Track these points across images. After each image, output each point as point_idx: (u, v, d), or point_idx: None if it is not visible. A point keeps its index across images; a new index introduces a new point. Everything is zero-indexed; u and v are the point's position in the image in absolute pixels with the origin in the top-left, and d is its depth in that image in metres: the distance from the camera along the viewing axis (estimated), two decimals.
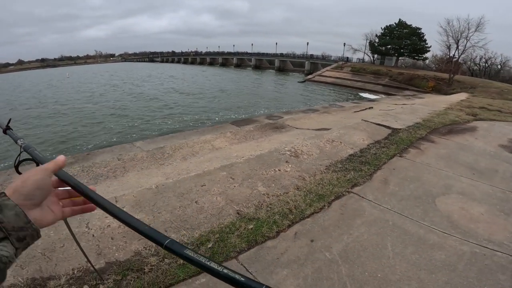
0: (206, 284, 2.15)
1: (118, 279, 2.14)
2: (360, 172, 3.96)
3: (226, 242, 2.55)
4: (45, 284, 2.08)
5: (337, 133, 5.73)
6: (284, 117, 8.82)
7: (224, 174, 3.73)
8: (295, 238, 2.66)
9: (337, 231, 2.76)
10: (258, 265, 2.34)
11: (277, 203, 3.12)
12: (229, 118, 12.30)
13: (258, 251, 2.49)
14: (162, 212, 3.01)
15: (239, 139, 5.90)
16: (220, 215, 2.97)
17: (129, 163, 5.13)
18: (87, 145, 10.89)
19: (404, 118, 7.82)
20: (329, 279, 2.20)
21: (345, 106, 12.90)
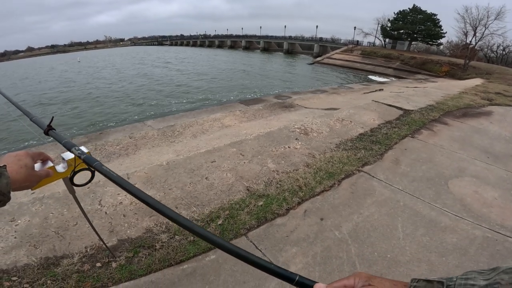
0: (215, 260, 2.09)
1: (130, 256, 2.10)
2: (371, 151, 3.77)
3: (236, 219, 2.46)
4: (58, 263, 2.05)
5: (347, 113, 5.49)
6: (293, 97, 8.56)
7: (234, 150, 3.59)
8: (305, 216, 2.55)
9: (347, 210, 2.63)
10: (268, 243, 2.25)
11: (286, 180, 2.99)
12: (237, 98, 12.03)
13: (268, 229, 2.40)
14: (173, 188, 2.93)
15: (248, 118, 5.72)
16: (230, 191, 2.86)
17: (141, 141, 5.06)
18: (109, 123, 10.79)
19: (416, 100, 7.44)
20: (338, 258, 2.11)
21: (354, 87, 12.45)
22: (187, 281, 1.91)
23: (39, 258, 2.10)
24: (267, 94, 12.72)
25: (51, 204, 2.75)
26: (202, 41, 78.58)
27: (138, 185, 3.00)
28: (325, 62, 34.96)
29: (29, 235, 2.36)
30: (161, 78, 20.79)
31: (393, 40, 41.35)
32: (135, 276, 1.95)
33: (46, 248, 2.21)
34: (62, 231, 2.39)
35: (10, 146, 9.53)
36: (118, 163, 4.35)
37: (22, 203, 2.81)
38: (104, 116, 11.50)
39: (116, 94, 15.68)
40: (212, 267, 2.04)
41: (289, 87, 15.68)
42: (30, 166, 0.69)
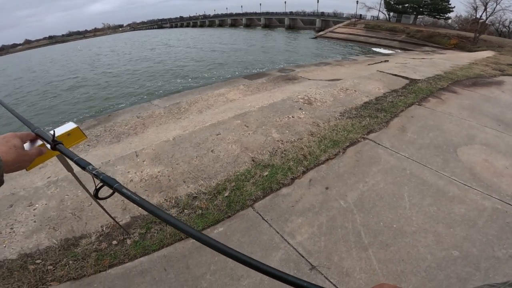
0: (224, 232, 2.07)
1: (143, 232, 2.10)
2: (376, 118, 3.61)
3: (242, 190, 2.40)
4: (77, 243, 2.06)
5: (351, 82, 5.25)
6: (296, 70, 8.23)
7: (238, 122, 3.48)
8: (310, 185, 2.47)
9: (352, 179, 2.53)
10: (273, 213, 2.20)
11: (291, 149, 2.89)
12: (241, 74, 11.68)
13: (273, 199, 2.34)
14: (180, 163, 2.87)
15: (252, 91, 5.54)
16: (236, 163, 2.79)
17: (148, 119, 4.99)
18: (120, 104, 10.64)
19: (423, 70, 7.05)
20: (344, 228, 2.04)
21: (358, 59, 11.93)
22: (197, 254, 1.91)
23: (59, 240, 2.12)
24: (270, 69, 12.31)
25: (66, 186, 2.74)
26: (202, 22, 75.43)
27: (146, 162, 2.96)
28: (328, 36, 33.46)
29: (47, 218, 2.37)
30: (165, 59, 20.28)
31: (398, 14, 38.81)
32: (149, 251, 1.96)
33: (65, 230, 2.22)
34: (78, 212, 2.39)
35: None
36: (127, 142, 4.31)
37: (37, 187, 2.81)
38: (113, 100, 11.39)
39: (123, 77, 15.45)
40: (220, 239, 2.00)
41: (292, 61, 15.09)
42: (19, 146, 0.65)
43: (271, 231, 2.04)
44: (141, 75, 15.07)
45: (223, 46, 24.91)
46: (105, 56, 29.10)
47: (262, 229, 2.06)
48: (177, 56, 20.54)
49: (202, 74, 13.34)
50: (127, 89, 12.54)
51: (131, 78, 14.62)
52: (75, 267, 1.88)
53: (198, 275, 1.78)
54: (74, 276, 1.83)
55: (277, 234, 2.02)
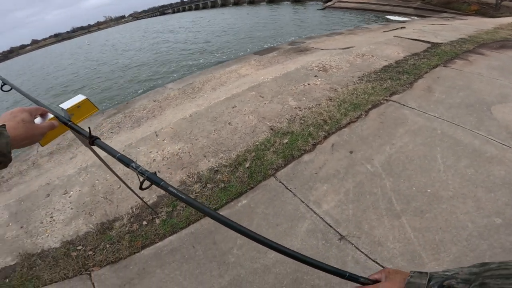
0: (247, 205, 1.99)
1: (169, 210, 2.09)
2: (398, 81, 3.33)
3: (262, 160, 2.29)
4: (112, 227, 2.08)
5: (367, 48, 4.88)
6: (307, 41, 7.78)
7: (253, 93, 3.33)
8: (333, 150, 2.32)
9: (378, 141, 2.35)
10: (297, 182, 2.08)
11: (310, 115, 2.73)
12: (251, 50, 11.25)
13: (296, 167, 2.21)
14: (199, 138, 2.80)
15: (264, 65, 5.30)
16: (254, 133, 2.67)
17: (164, 102, 4.94)
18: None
19: (445, 34, 6.42)
20: (373, 194, 1.89)
21: (372, 27, 11.12)
22: (223, 229, 1.82)
23: (95, 225, 2.15)
24: (280, 43, 11.79)
25: (95, 172, 2.77)
26: (204, 3, 72.28)
27: (166, 140, 2.91)
28: (336, 6, 31.44)
29: (82, 204, 2.42)
30: (173, 45, 19.92)
31: None
32: (177, 229, 1.95)
33: (99, 214, 2.26)
34: (109, 195, 2.43)
35: None
36: (147, 125, 4.30)
37: (70, 175, 2.86)
38: (130, 88, 11.42)
39: (135, 66, 15.42)
40: (244, 212, 1.94)
41: (302, 34, 14.31)
42: (28, 120, 0.61)
43: (296, 200, 1.95)
44: (152, 62, 14.99)
45: (229, 25, 24.00)
46: (115, 46, 29.10)
47: (286, 199, 1.97)
48: (186, 41, 20.12)
49: (212, 54, 13.00)
50: (141, 76, 12.55)
51: (140, 67, 14.59)
52: (112, 250, 1.91)
53: (225, 250, 1.74)
54: (112, 260, 1.86)
55: (302, 203, 1.91)
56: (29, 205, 2.68)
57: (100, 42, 47.48)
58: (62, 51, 50.03)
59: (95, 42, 50.23)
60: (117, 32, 66.82)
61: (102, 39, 54.13)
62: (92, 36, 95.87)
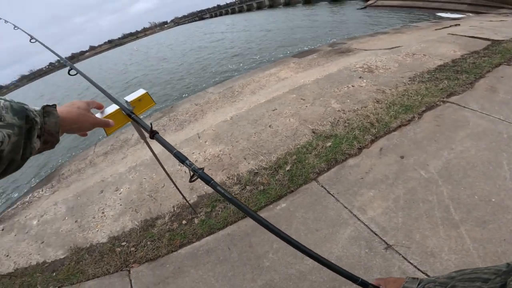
0: (287, 208, 1.97)
1: (208, 211, 2.15)
2: (457, 80, 3.03)
3: (304, 163, 2.25)
4: (154, 224, 2.21)
5: (418, 47, 4.55)
6: (349, 42, 7.51)
7: (294, 96, 3.31)
8: (381, 154, 2.19)
9: (434, 146, 2.16)
10: (340, 186, 2.00)
11: (355, 118, 2.62)
12: (289, 53, 11.18)
13: (339, 171, 2.13)
14: (239, 140, 2.86)
15: (303, 67, 5.24)
16: (295, 136, 2.64)
17: (205, 106, 5.15)
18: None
19: (505, 31, 5.71)
20: (427, 201, 1.74)
21: (422, 25, 10.32)
22: (260, 232, 1.85)
23: (140, 222, 2.30)
24: (319, 45, 11.55)
25: (143, 171, 2.99)
26: (240, 7, 73.78)
27: (208, 142, 3.02)
28: (379, 5, 29.80)
29: (130, 201, 2.62)
30: (213, 49, 20.68)
31: None
32: (214, 230, 1.99)
33: (144, 211, 2.41)
34: (154, 193, 2.59)
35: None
36: (190, 128, 4.54)
37: (121, 173, 3.13)
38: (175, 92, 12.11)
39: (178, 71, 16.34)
40: (283, 215, 1.92)
41: (342, 34, 13.81)
42: (83, 108, 0.66)
43: (338, 205, 1.87)
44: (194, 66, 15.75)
45: (266, 28, 24.16)
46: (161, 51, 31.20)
47: (328, 204, 1.91)
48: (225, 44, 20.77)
49: (251, 57, 13.20)
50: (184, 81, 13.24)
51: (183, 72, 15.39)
52: (152, 247, 2.02)
53: (260, 253, 1.73)
54: (151, 257, 1.96)
55: (345, 209, 1.84)
56: (84, 200, 2.97)
57: (146, 48, 51.35)
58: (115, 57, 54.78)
59: (142, 48, 54.35)
60: (161, 38, 71.64)
61: (148, 45, 58.50)
62: (140, 42, 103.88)
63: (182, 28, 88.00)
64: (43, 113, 0.54)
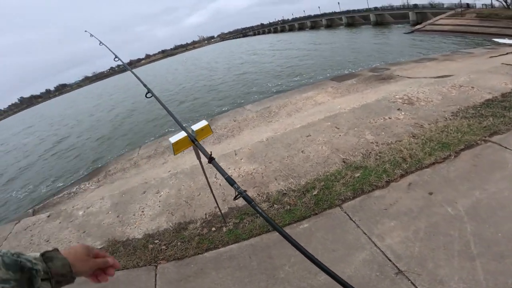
0: (308, 228, 2.10)
1: (237, 222, 2.36)
2: (503, 118, 2.92)
3: (331, 189, 2.37)
4: (186, 227, 2.48)
5: (466, 78, 4.40)
6: (392, 68, 7.41)
7: (329, 124, 3.44)
8: (409, 189, 2.22)
9: (466, 185, 2.14)
10: (363, 214, 2.09)
11: (387, 152, 2.67)
12: (328, 76, 11.25)
13: (364, 200, 2.22)
14: (272, 161, 3.07)
15: (341, 93, 5.35)
16: (326, 163, 2.77)
17: (243, 123, 5.50)
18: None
19: None
20: (447, 235, 1.77)
21: (475, 52, 9.81)
22: (280, 246, 2.00)
23: (174, 224, 2.58)
24: (360, 69, 11.46)
25: (182, 178, 3.33)
26: (282, 27, 75.92)
27: (243, 160, 3.27)
28: (427, 30, 28.49)
29: (168, 204, 2.94)
30: (254, 66, 21.51)
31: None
32: (239, 239, 2.19)
33: (179, 215, 2.70)
34: (190, 200, 2.88)
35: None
36: (226, 143, 4.88)
37: (163, 178, 3.51)
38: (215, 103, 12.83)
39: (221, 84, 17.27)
40: (304, 234, 2.06)
41: (385, 59, 13.52)
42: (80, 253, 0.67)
43: (358, 231, 1.96)
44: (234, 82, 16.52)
45: (307, 48, 24.53)
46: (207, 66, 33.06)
47: (348, 229, 2.00)
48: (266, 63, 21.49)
49: (290, 77, 13.55)
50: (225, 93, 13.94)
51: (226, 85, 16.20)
52: (181, 248, 2.26)
53: (277, 265, 1.87)
54: (179, 256, 2.20)
55: (364, 235, 1.92)
56: (128, 198, 3.34)
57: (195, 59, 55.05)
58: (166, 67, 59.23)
59: (190, 60, 58.38)
60: (207, 51, 76.54)
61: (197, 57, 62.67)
62: (189, 54, 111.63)
63: (227, 44, 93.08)
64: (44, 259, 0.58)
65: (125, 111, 18.90)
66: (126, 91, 33.20)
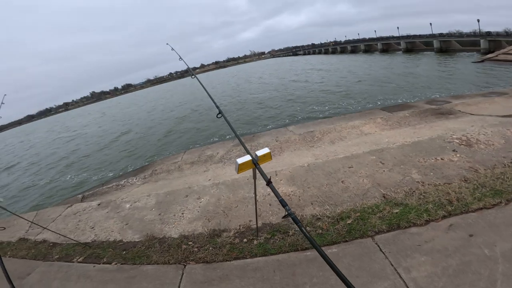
0: (336, 253, 2.19)
1: (268, 237, 2.54)
2: None
3: (365, 221, 2.43)
4: (220, 235, 2.74)
5: None
6: (453, 101, 6.99)
7: (373, 158, 3.48)
8: (449, 229, 2.20)
9: (510, 231, 2.07)
10: (394, 247, 2.12)
11: (433, 193, 2.63)
12: (379, 104, 10.90)
13: (398, 235, 2.24)
14: (311, 187, 3.22)
15: (391, 125, 5.25)
16: (365, 196, 2.83)
17: (284, 144, 5.69)
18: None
19: None
20: (477, 273, 1.76)
21: None
22: (305, 265, 2.13)
23: (209, 229, 2.86)
24: (416, 99, 10.94)
25: (223, 189, 3.65)
26: (334, 48, 75.02)
27: (283, 182, 3.46)
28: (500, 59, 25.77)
29: (206, 210, 3.26)
30: (302, 85, 21.72)
31: None
32: (267, 253, 2.36)
33: (215, 222, 2.98)
34: (227, 210, 3.16)
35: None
36: (267, 162, 5.08)
37: (205, 186, 3.88)
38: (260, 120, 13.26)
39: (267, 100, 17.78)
40: (331, 257, 2.11)
41: (446, 90, 12.62)
42: None
43: (385, 262, 2.01)
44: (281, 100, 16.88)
45: (358, 72, 23.97)
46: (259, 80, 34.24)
47: (375, 259, 2.05)
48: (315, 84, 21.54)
49: (338, 102, 13.43)
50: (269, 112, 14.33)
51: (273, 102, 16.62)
52: (211, 252, 2.50)
53: (299, 283, 1.99)
54: (208, 260, 2.43)
55: (391, 266, 1.96)
56: (171, 199, 3.73)
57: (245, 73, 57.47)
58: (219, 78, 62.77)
59: (240, 74, 61.17)
60: (257, 67, 79.52)
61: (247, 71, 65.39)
62: (240, 67, 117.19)
63: (278, 60, 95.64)
64: None
65: (178, 117, 20.61)
66: (184, 97, 36.21)
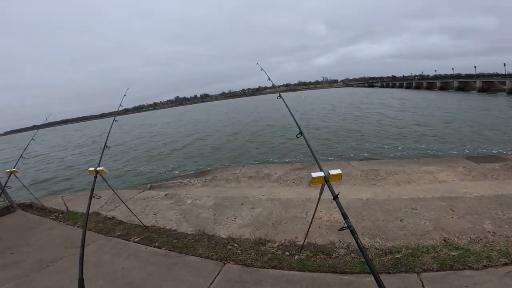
0: (373, 282, 2.15)
1: (310, 255, 2.68)
2: None
3: (416, 258, 2.38)
4: (265, 244, 2.99)
5: None
6: None
7: (443, 204, 3.35)
8: (506, 275, 2.07)
9: None
10: (439, 286, 2.04)
11: (502, 243, 2.47)
12: (465, 152, 9.66)
13: (448, 275, 2.15)
14: (365, 219, 3.26)
15: (474, 176, 4.78)
16: (422, 236, 2.76)
17: (344, 177, 5.64)
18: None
19: None
20: None
21: None
22: (339, 287, 2.19)
23: (255, 237, 3.14)
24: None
25: (277, 205, 3.97)
26: (419, 83, 67.39)
27: (337, 209, 3.52)
28: None
29: (257, 220, 3.59)
30: (375, 121, 20.69)
31: None
32: (305, 270, 2.49)
33: (262, 232, 3.25)
34: (277, 224, 3.43)
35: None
36: (325, 189, 5.12)
37: (261, 199, 4.24)
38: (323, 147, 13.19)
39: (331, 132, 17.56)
40: (368, 285, 2.18)
41: None
42: None
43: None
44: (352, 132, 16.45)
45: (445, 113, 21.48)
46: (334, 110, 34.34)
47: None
48: (390, 119, 20.34)
49: (413, 142, 12.41)
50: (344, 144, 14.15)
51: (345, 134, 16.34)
52: (252, 258, 2.74)
53: None
54: (247, 264, 2.66)
55: None
56: (227, 204, 4.18)
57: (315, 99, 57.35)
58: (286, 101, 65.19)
59: (309, 99, 61.44)
60: (327, 94, 78.92)
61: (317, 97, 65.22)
62: (309, 92, 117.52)
63: (351, 90, 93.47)
64: None
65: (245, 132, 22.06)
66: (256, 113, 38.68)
